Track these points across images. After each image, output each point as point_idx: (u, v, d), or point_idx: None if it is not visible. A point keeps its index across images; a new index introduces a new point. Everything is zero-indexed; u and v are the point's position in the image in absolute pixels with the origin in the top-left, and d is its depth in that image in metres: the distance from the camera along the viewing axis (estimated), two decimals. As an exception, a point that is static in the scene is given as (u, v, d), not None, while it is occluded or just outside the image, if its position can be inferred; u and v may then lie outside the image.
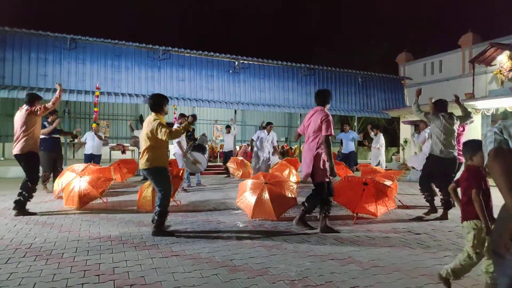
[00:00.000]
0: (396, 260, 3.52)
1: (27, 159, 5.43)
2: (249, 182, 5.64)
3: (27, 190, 5.36)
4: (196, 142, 8.89)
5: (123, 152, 12.96)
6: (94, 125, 9.68)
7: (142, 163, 4.40)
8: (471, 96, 15.09)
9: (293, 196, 5.42)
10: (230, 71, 15.38)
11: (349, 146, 10.92)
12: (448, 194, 5.64)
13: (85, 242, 3.98)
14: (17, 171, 10.46)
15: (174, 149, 8.27)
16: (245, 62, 15.59)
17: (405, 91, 19.90)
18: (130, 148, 12.93)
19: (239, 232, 4.53)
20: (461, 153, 5.65)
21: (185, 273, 3.09)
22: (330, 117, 4.58)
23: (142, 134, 4.49)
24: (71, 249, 3.73)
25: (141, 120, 11.23)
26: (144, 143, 4.41)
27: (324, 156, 4.54)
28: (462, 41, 17.64)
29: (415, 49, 22.23)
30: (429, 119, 5.87)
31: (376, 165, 9.78)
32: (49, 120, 7.56)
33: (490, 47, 15.02)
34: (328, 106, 4.80)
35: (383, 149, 10.47)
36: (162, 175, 4.41)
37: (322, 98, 4.79)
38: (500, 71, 15.21)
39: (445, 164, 5.57)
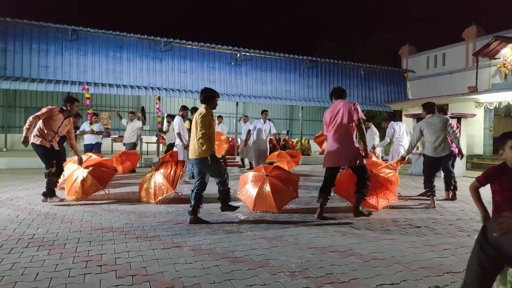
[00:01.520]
0: (396, 252, 3.54)
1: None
2: (250, 175, 5.65)
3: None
4: None
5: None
6: (91, 127, 9.72)
7: (193, 153, 4.60)
8: (474, 90, 15.02)
9: (294, 188, 5.43)
10: (232, 63, 15.33)
11: None
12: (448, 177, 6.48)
13: (87, 233, 4.01)
14: (20, 162, 10.52)
15: (176, 141, 8.28)
16: (247, 54, 15.52)
17: (408, 84, 19.81)
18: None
19: (240, 224, 4.55)
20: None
21: (186, 264, 3.11)
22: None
23: (193, 124, 4.66)
24: (73, 239, 3.76)
25: (143, 112, 11.20)
26: (194, 133, 4.61)
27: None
28: (465, 34, 17.49)
29: (418, 42, 22.09)
30: (422, 126, 6.21)
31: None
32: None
33: (494, 40, 14.89)
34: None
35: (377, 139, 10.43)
36: (211, 162, 4.61)
37: (342, 92, 5.14)
38: (504, 64, 15.10)
39: (441, 161, 6.20)
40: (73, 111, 5.88)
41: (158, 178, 5.79)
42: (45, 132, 5.66)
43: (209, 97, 4.71)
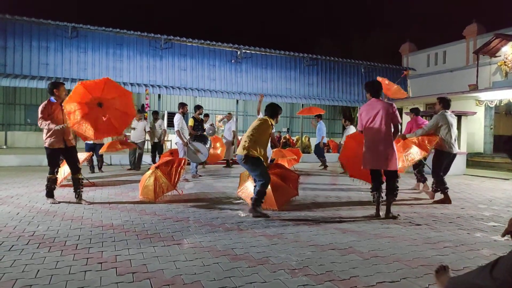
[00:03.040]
0: (396, 250, 3.54)
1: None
2: None
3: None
4: (204, 132, 8.88)
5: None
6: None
7: (240, 150, 4.86)
8: (475, 88, 15.00)
9: (294, 186, 5.43)
10: (232, 61, 15.30)
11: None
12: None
13: (88, 231, 4.01)
14: (20, 160, 10.52)
15: (176, 139, 8.26)
16: (248, 51, 15.49)
17: (408, 82, 19.79)
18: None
19: (240, 222, 4.55)
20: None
21: (187, 261, 3.11)
22: None
23: (252, 125, 4.99)
24: (73, 237, 3.76)
25: (142, 110, 11.18)
26: (248, 132, 4.92)
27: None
28: (466, 32, 17.45)
29: (418, 39, 22.03)
30: (438, 119, 6.09)
31: None
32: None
33: (495, 38, 14.87)
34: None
35: None
36: (256, 163, 4.84)
37: (379, 89, 5.05)
38: (505, 62, 15.08)
39: (453, 158, 6.19)
40: (62, 96, 5.38)
41: (159, 175, 5.79)
42: (53, 131, 5.25)
43: (274, 113, 5.14)
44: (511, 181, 9.35)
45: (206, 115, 11.35)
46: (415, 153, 6.03)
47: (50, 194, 5.51)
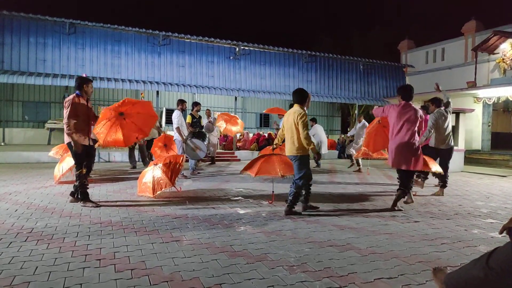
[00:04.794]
0: (394, 247, 3.55)
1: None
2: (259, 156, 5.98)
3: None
4: (203, 129, 8.86)
5: None
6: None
7: (290, 150, 4.85)
8: (473, 85, 15.02)
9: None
10: (231, 57, 15.27)
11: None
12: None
13: (86, 227, 4.01)
14: (18, 157, 10.49)
15: (174, 135, 8.25)
16: (246, 48, 15.46)
17: (407, 79, 19.80)
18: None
19: (239, 218, 4.56)
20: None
21: (185, 258, 3.12)
22: None
23: (288, 124, 4.89)
24: (72, 233, 3.76)
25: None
26: (290, 132, 4.85)
27: None
28: (465, 29, 17.46)
29: (417, 36, 22.02)
30: (436, 117, 6.49)
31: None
32: None
33: (493, 35, 14.88)
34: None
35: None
36: (306, 162, 4.86)
37: (411, 94, 5.27)
38: (503, 59, 15.10)
39: (443, 153, 6.65)
40: (89, 93, 5.33)
41: (157, 172, 5.79)
42: (80, 127, 5.09)
43: (304, 97, 4.98)
44: (509, 178, 9.39)
45: (208, 111, 11.32)
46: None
47: (86, 195, 5.15)
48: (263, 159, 5.63)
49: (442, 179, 6.54)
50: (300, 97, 4.94)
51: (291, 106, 8.02)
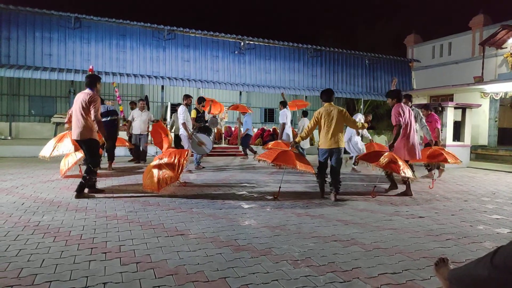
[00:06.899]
0: (399, 242, 3.55)
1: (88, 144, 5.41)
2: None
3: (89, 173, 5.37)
4: (207, 124, 8.85)
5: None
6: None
7: (336, 143, 5.50)
8: (480, 80, 14.86)
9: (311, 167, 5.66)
10: (236, 52, 15.22)
11: None
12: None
13: (92, 221, 4.04)
14: (25, 151, 10.58)
15: (180, 130, 8.26)
16: (251, 42, 15.40)
17: (413, 73, 19.63)
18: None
19: (243, 213, 4.58)
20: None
21: (190, 252, 3.14)
22: None
23: (335, 119, 5.59)
24: (78, 227, 3.80)
25: (146, 100, 11.10)
26: (336, 127, 5.57)
27: None
28: (472, 23, 17.23)
29: (424, 30, 21.79)
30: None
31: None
32: None
33: (501, 29, 14.67)
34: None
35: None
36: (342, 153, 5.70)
37: (400, 96, 6.19)
38: (511, 54, 14.91)
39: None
40: (100, 90, 5.53)
41: (162, 167, 5.81)
42: (95, 124, 5.24)
43: (332, 94, 6.02)
44: (515, 174, 9.31)
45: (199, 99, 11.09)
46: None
47: (93, 185, 5.57)
48: (281, 150, 5.77)
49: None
50: (329, 95, 5.94)
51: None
